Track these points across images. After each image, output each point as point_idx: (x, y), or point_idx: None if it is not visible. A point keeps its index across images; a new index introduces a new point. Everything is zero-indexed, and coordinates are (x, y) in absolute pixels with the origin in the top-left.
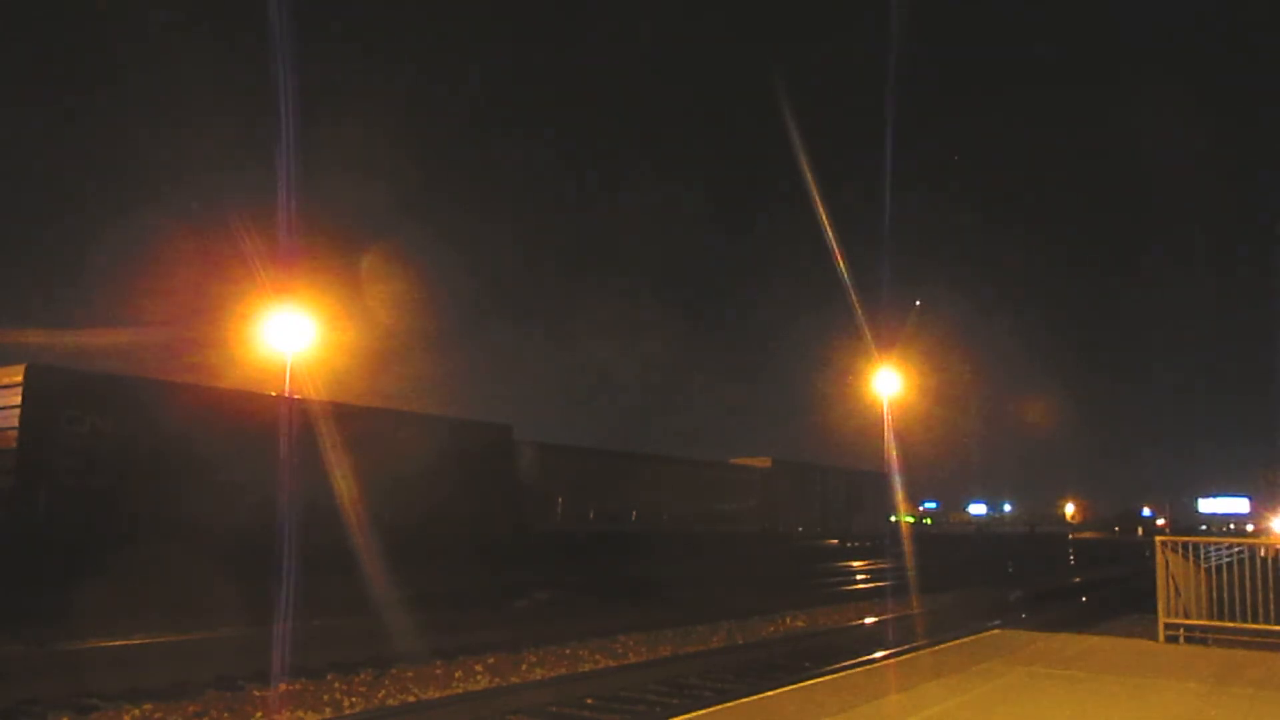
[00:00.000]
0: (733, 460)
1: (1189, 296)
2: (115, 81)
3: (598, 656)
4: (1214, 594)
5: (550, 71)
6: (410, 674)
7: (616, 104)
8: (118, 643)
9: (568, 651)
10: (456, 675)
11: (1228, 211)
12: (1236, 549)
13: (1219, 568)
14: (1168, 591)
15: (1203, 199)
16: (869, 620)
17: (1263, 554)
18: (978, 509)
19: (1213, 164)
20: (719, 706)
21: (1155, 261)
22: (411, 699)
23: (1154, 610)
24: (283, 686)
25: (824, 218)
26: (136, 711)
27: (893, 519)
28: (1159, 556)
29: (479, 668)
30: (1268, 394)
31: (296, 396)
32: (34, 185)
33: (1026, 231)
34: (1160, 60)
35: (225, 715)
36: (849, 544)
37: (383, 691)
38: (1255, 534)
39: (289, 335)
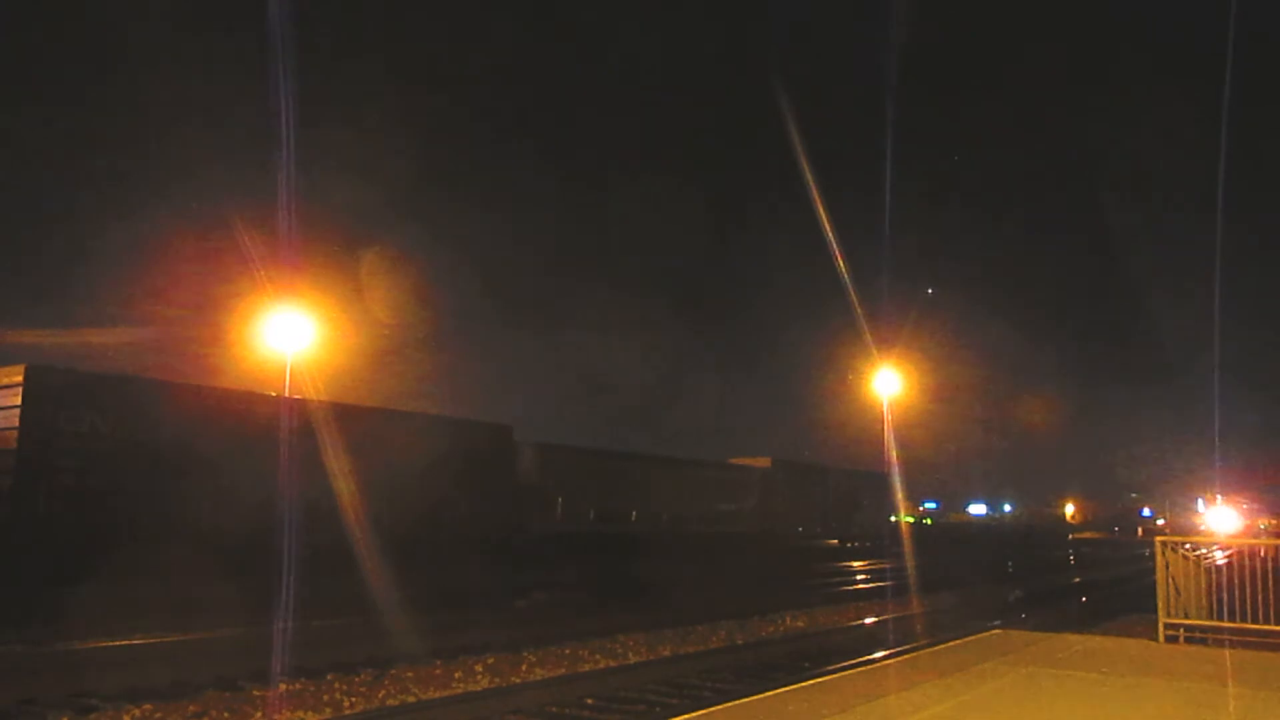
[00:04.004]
0: (732, 460)
1: (1190, 296)
2: (115, 80)
3: (597, 656)
4: (1214, 594)
5: (550, 71)
6: (410, 674)
7: (616, 103)
8: (117, 643)
9: (567, 651)
10: (456, 675)
11: (1233, 211)
12: (1236, 549)
13: (1219, 568)
14: (1168, 591)
15: (1209, 198)
16: (869, 620)
17: (1263, 554)
18: (978, 509)
19: (1217, 162)
20: (719, 706)
21: (1155, 262)
22: (411, 699)
23: (1154, 610)
24: (283, 686)
25: (824, 217)
26: (136, 711)
27: (893, 519)
28: (1159, 556)
29: (479, 668)
30: (1267, 394)
31: (296, 396)
32: (33, 184)
33: (1028, 231)
34: (1163, 57)
35: (225, 715)
36: (849, 544)
37: (383, 692)
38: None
39: (289, 335)
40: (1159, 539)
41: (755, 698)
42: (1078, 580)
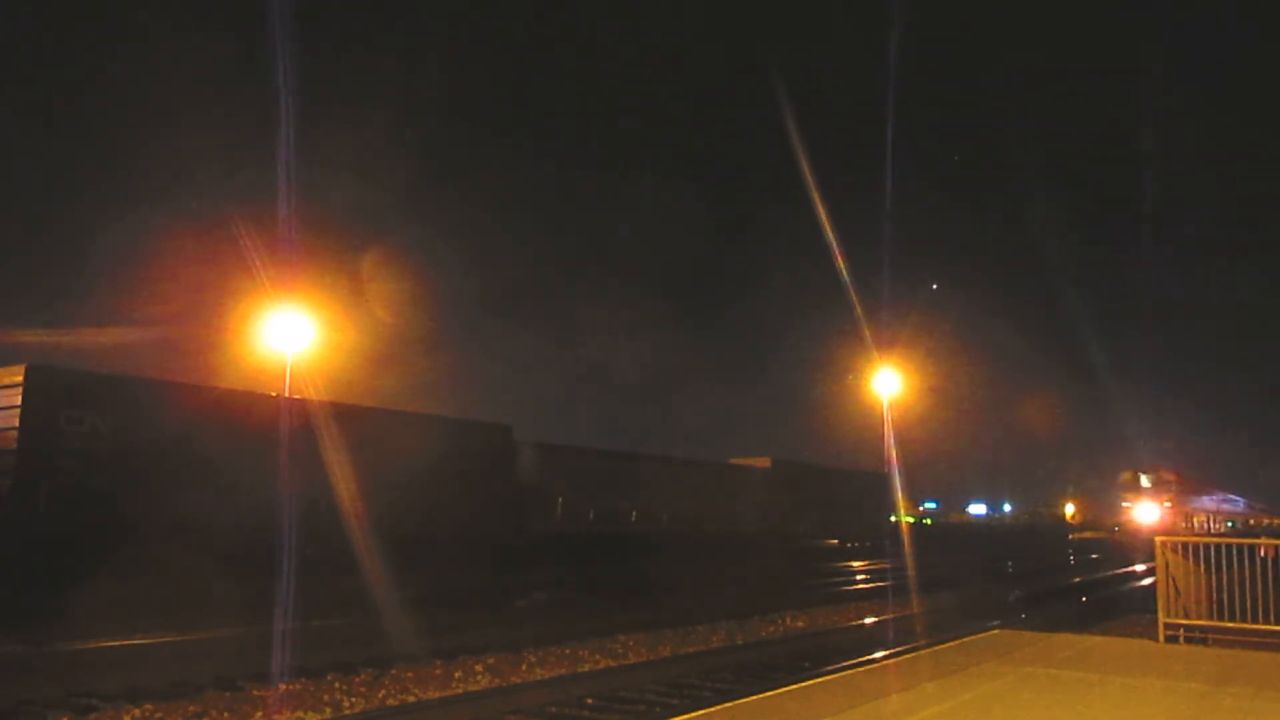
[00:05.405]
0: (732, 460)
1: (1190, 298)
2: (115, 80)
3: (598, 656)
4: (1214, 594)
5: (550, 71)
6: (410, 674)
7: (616, 104)
8: (117, 643)
9: (568, 651)
10: (456, 675)
11: (1236, 210)
12: (1236, 548)
13: (1219, 567)
14: (1168, 591)
15: (1211, 197)
16: (869, 620)
17: (1262, 554)
18: (978, 509)
19: (1220, 161)
20: (719, 707)
21: (1154, 264)
22: (411, 699)
23: (1154, 610)
24: (283, 686)
25: (824, 218)
26: (136, 711)
27: (893, 519)
28: (1159, 556)
29: (479, 668)
30: (1266, 394)
31: (296, 396)
32: (33, 185)
33: (1028, 232)
34: (1166, 56)
35: (225, 715)
36: (849, 544)
37: (383, 691)
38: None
39: (289, 335)
40: (1159, 539)
41: (755, 698)
42: (1077, 580)
